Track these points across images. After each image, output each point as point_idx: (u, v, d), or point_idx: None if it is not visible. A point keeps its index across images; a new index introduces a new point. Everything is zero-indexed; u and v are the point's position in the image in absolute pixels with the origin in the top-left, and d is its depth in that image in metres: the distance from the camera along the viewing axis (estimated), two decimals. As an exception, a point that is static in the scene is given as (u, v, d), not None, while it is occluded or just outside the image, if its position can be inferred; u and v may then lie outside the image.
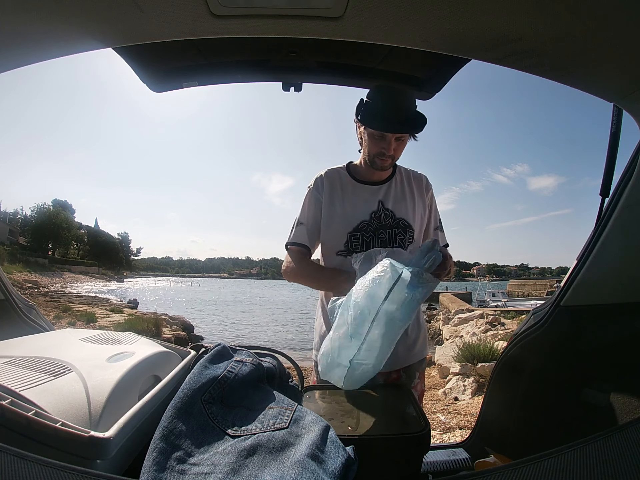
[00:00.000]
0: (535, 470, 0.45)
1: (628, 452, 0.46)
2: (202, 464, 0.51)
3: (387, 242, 1.26)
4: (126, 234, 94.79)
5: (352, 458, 0.56)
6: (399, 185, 1.35)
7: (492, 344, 5.46)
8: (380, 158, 1.23)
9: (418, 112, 1.20)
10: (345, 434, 0.67)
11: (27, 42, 0.77)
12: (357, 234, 1.27)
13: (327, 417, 0.74)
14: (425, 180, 1.41)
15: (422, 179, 1.40)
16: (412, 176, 1.40)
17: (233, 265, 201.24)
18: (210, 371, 0.67)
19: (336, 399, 0.87)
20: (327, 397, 0.89)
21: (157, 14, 0.71)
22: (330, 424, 0.65)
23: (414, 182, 1.38)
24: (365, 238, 1.26)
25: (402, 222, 1.29)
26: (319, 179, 1.36)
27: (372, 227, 1.27)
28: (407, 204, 1.32)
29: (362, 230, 1.27)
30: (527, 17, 0.69)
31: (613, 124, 1.03)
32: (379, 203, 1.30)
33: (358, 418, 0.76)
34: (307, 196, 1.36)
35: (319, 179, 1.36)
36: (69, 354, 0.71)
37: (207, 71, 1.26)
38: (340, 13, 0.70)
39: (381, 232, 1.27)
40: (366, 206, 1.29)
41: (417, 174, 1.42)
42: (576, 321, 1.12)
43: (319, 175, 1.37)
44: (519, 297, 28.67)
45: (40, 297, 17.53)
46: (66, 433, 0.50)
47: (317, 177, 1.37)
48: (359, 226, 1.27)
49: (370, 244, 1.25)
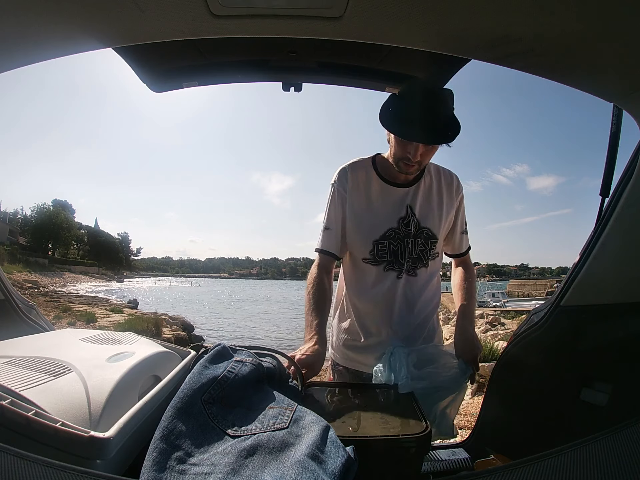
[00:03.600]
0: (535, 470, 0.45)
1: (628, 452, 0.46)
2: (202, 464, 0.51)
3: (415, 251, 1.19)
4: (126, 234, 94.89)
5: (352, 458, 0.56)
6: (427, 189, 1.23)
7: (492, 344, 5.46)
8: (406, 163, 1.10)
9: (452, 118, 1.05)
10: (345, 434, 0.67)
11: (27, 42, 0.77)
12: (384, 242, 1.18)
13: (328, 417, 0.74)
14: (456, 181, 1.29)
15: (453, 181, 1.28)
16: (442, 176, 1.27)
17: (233, 265, 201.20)
18: (210, 371, 0.67)
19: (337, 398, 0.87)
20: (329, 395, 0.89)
21: (157, 14, 0.71)
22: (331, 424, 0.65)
23: (444, 183, 1.26)
24: (393, 247, 1.18)
25: (425, 232, 1.20)
26: (343, 173, 1.23)
27: (400, 235, 1.18)
28: (435, 212, 1.22)
29: (390, 238, 1.18)
30: (527, 17, 0.69)
31: (613, 124, 1.03)
32: (407, 208, 1.19)
33: (359, 418, 0.76)
34: (331, 195, 1.23)
35: (343, 173, 1.23)
36: (69, 354, 0.71)
37: (207, 71, 1.25)
38: (340, 13, 0.70)
39: (410, 241, 1.18)
40: (394, 212, 1.19)
41: (447, 173, 1.28)
42: (576, 321, 1.12)
43: (342, 169, 1.24)
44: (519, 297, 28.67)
45: (40, 297, 17.53)
46: (66, 433, 0.50)
47: (340, 171, 1.24)
48: (386, 234, 1.18)
49: (398, 252, 1.18)
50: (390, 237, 1.18)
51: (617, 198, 1.02)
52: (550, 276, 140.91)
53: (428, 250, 1.21)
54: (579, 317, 1.12)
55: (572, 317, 1.13)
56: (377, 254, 1.18)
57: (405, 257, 1.19)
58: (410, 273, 1.20)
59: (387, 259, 1.18)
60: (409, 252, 1.18)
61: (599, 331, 1.08)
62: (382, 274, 1.19)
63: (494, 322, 9.35)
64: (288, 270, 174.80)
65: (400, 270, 1.19)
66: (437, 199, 1.23)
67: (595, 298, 1.09)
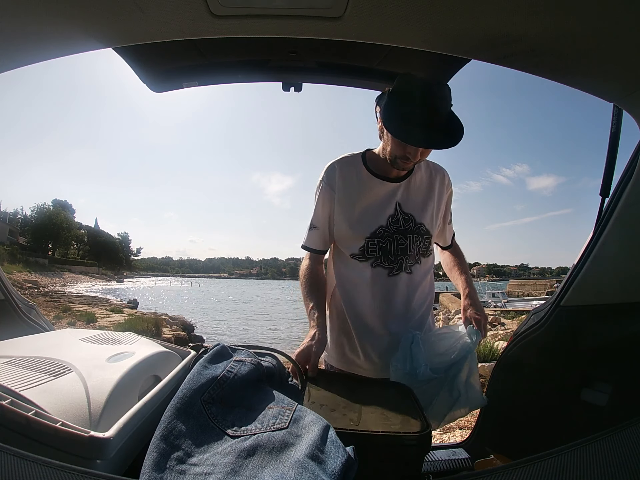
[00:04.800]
0: (535, 470, 0.45)
1: (628, 452, 0.46)
2: (201, 464, 0.51)
3: (408, 248, 1.18)
4: (126, 234, 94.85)
5: (352, 458, 0.55)
6: (418, 184, 1.22)
7: (492, 344, 5.46)
8: (404, 161, 1.09)
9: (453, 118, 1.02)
10: (346, 427, 0.67)
11: (27, 42, 0.77)
12: (374, 240, 1.18)
13: (329, 408, 0.74)
14: (447, 177, 1.28)
15: (444, 176, 1.27)
16: (433, 171, 1.25)
17: (233, 265, 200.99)
18: (210, 371, 0.67)
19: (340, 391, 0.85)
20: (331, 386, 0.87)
21: (157, 14, 0.71)
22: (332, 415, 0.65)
23: (436, 178, 1.25)
24: (382, 244, 1.18)
25: (422, 228, 1.20)
26: (332, 170, 1.21)
27: (389, 232, 1.18)
28: (427, 207, 1.22)
29: (379, 236, 1.18)
30: (527, 17, 0.69)
31: (613, 124, 1.03)
32: (396, 205, 1.19)
33: (360, 412, 0.75)
34: (319, 193, 1.22)
35: (332, 170, 1.21)
36: (69, 354, 0.71)
37: (207, 71, 1.26)
38: (340, 13, 0.71)
39: (400, 238, 1.18)
40: (383, 210, 1.19)
41: (437, 167, 1.27)
42: (576, 321, 1.12)
43: (331, 165, 1.22)
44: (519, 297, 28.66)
45: (40, 297, 17.53)
46: (66, 433, 0.50)
47: (329, 167, 1.22)
48: (376, 231, 1.18)
49: (387, 249, 1.18)
50: (380, 235, 1.18)
51: (617, 198, 1.02)
52: (550, 276, 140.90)
53: (422, 246, 1.21)
54: (579, 317, 1.12)
55: (572, 317, 1.13)
56: (366, 251, 1.18)
57: (394, 254, 1.18)
58: (407, 270, 1.20)
59: (375, 255, 1.18)
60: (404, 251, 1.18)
61: (599, 331, 1.08)
62: (370, 270, 1.19)
63: (494, 322, 9.34)
64: (288, 270, 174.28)
65: (391, 267, 1.18)
66: (428, 193, 1.23)
67: (595, 298, 1.09)
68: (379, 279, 1.18)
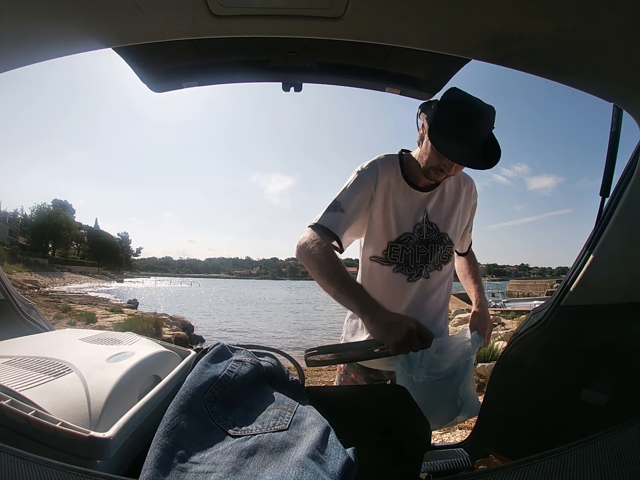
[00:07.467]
0: (535, 470, 0.45)
1: (628, 452, 0.46)
2: (202, 462, 0.51)
3: (429, 257, 1.19)
4: (126, 234, 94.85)
5: (353, 460, 0.55)
6: (447, 195, 1.23)
7: (492, 344, 5.45)
8: (437, 172, 1.09)
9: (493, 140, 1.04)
10: None
11: (27, 42, 0.77)
12: (398, 246, 1.18)
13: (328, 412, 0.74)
14: (474, 187, 1.29)
15: (472, 186, 1.28)
16: (462, 180, 1.26)
17: (233, 265, 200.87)
18: (211, 370, 0.67)
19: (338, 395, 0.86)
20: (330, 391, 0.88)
21: (157, 14, 0.71)
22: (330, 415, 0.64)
23: (464, 188, 1.26)
24: (405, 251, 1.18)
25: (445, 238, 1.21)
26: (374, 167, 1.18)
27: (413, 241, 1.19)
28: (453, 218, 1.23)
29: (404, 242, 1.18)
30: (526, 17, 0.69)
31: (613, 124, 1.03)
32: (424, 214, 1.20)
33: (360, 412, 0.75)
34: (356, 182, 1.15)
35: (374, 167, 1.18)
36: (69, 354, 0.71)
37: (207, 71, 1.26)
38: (340, 13, 0.71)
39: (422, 247, 1.19)
40: (412, 217, 1.19)
41: (467, 177, 1.28)
42: (576, 321, 1.12)
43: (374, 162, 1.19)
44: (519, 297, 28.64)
45: (40, 297, 17.52)
46: (66, 433, 0.50)
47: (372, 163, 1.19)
48: (401, 238, 1.18)
49: (409, 257, 1.19)
50: (404, 241, 1.18)
51: (617, 198, 1.02)
52: (550, 276, 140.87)
53: (444, 254, 1.22)
54: (579, 317, 1.12)
55: (572, 317, 1.13)
56: (389, 255, 1.19)
57: (415, 262, 1.19)
58: (425, 276, 1.21)
59: (397, 262, 1.19)
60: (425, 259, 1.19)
61: (599, 331, 1.08)
62: (391, 275, 1.20)
63: (494, 322, 9.33)
64: (288, 270, 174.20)
65: (411, 274, 1.20)
66: (455, 203, 1.24)
67: (595, 298, 1.09)
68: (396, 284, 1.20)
